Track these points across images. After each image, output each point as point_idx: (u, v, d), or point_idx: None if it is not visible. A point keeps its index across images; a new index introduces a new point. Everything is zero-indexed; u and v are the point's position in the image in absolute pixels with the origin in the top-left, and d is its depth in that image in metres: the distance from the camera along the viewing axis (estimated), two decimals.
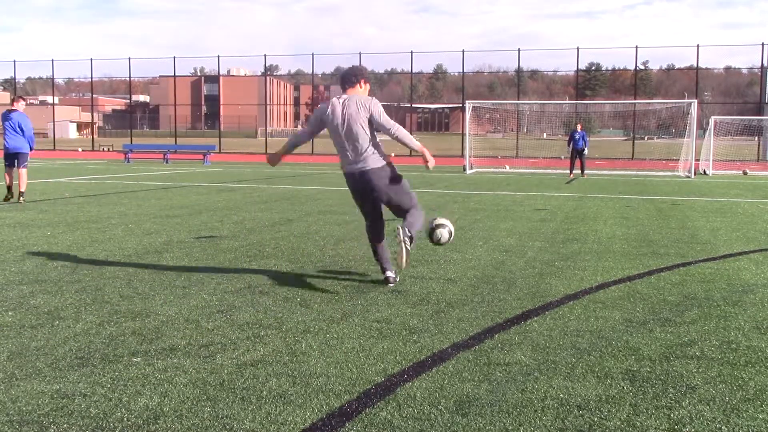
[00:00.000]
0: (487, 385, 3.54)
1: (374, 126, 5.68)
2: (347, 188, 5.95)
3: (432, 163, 5.78)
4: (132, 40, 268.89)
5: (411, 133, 6.01)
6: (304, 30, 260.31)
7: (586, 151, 23.45)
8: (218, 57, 50.10)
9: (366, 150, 5.67)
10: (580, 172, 23.55)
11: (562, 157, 23.28)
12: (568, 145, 23.60)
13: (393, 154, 49.03)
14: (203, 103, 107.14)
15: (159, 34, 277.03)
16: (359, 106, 5.63)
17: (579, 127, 23.48)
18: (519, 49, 44.84)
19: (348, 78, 5.82)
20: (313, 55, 48.49)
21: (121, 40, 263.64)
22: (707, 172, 26.73)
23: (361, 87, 5.85)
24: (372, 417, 3.14)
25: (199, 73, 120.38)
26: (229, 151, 49.05)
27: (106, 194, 14.63)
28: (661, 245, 8.22)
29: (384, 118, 5.66)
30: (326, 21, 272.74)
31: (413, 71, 47.57)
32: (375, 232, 5.97)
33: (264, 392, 3.42)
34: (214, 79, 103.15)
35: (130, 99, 67.14)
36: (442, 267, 6.72)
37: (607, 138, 71.40)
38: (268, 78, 69.45)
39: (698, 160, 26.98)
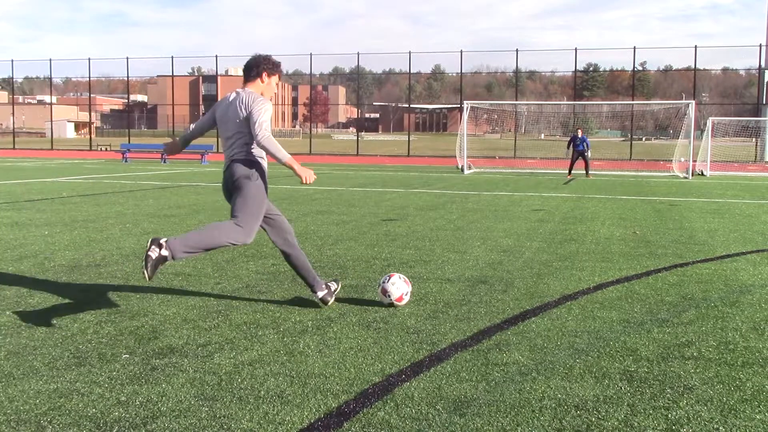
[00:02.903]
0: (485, 386, 3.54)
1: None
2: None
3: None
4: (132, 41, 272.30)
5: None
6: (304, 39, 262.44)
7: (588, 154, 24.04)
8: (216, 57, 50.07)
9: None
10: (584, 173, 23.88)
11: (566, 154, 23.89)
12: (568, 148, 24.05)
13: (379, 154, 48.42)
14: (201, 102, 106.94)
15: (161, 41, 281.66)
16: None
17: (580, 132, 24.03)
18: (517, 50, 44.90)
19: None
20: (311, 55, 48.42)
21: (121, 43, 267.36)
22: (705, 173, 26.76)
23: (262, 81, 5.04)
24: (370, 417, 3.13)
25: (197, 73, 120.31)
26: None
27: (103, 194, 14.61)
28: (659, 246, 8.23)
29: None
30: (327, 33, 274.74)
31: (411, 71, 47.57)
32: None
33: (262, 392, 3.42)
34: (212, 79, 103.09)
35: (128, 99, 67.04)
36: (439, 267, 6.72)
37: (605, 139, 71.44)
38: None
39: (696, 160, 27.02)
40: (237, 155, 4.87)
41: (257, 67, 5.00)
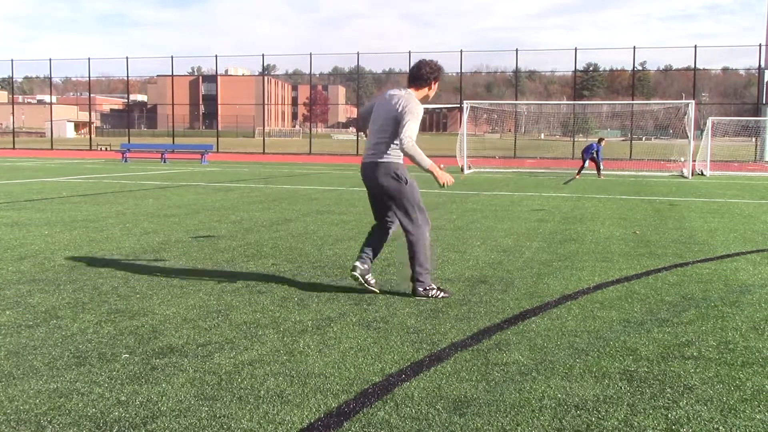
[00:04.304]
0: (485, 385, 3.54)
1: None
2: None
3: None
4: (132, 41, 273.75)
5: None
6: (304, 39, 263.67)
7: (602, 166, 24.58)
8: (216, 56, 50.08)
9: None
10: (596, 174, 24.21)
11: (586, 164, 24.01)
12: (595, 155, 24.24)
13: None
14: (201, 102, 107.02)
15: (161, 41, 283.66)
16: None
17: (603, 142, 24.75)
18: (517, 50, 44.94)
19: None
20: (311, 54, 48.41)
21: (121, 43, 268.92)
22: (704, 172, 26.76)
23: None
24: (370, 417, 3.13)
25: (196, 73, 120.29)
26: (227, 150, 49.02)
27: (103, 193, 14.61)
28: (659, 246, 8.23)
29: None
30: (327, 33, 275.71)
31: None
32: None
33: (262, 392, 3.42)
34: (212, 79, 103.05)
35: (128, 98, 66.99)
36: (439, 267, 6.72)
37: (604, 139, 71.32)
38: (265, 77, 69.36)
39: (695, 160, 27.02)
40: (376, 156, 5.32)
41: (428, 76, 5.38)
